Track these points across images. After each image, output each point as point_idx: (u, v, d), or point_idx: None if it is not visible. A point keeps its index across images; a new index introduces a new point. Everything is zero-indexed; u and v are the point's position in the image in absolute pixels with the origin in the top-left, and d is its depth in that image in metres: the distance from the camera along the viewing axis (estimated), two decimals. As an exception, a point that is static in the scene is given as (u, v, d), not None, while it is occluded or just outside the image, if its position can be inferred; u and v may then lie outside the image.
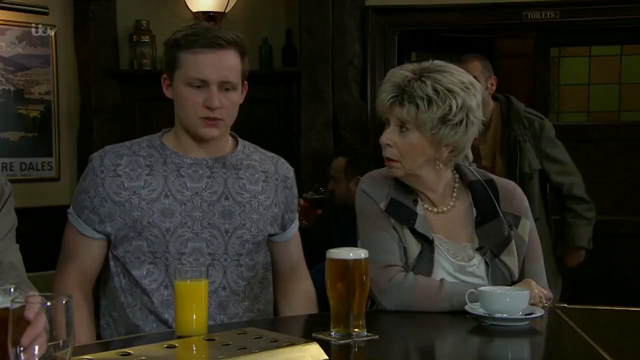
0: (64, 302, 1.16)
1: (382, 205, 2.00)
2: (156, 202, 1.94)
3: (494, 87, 3.56)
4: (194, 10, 4.45)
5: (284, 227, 2.13)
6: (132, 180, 1.95)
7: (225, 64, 1.91)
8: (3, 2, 3.99)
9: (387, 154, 1.97)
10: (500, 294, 1.84)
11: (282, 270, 2.18)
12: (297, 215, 2.20)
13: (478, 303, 1.84)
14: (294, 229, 2.18)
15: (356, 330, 1.64)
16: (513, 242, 2.02)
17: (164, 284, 1.94)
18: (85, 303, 1.97)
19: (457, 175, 2.08)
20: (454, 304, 1.89)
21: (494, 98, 3.59)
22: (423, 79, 1.91)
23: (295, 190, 2.17)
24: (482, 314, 1.81)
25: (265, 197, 2.07)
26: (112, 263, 2.01)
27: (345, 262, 1.65)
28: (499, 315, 1.80)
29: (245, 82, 2.02)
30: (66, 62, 4.32)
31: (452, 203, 2.05)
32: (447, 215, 2.04)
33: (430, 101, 1.90)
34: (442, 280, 1.93)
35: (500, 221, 2.02)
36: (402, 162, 1.96)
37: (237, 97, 1.97)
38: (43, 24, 4.20)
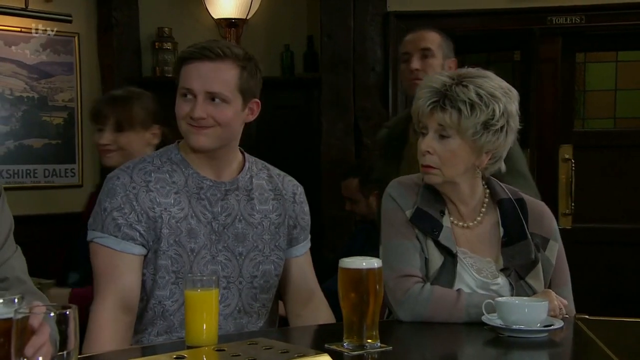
0: (67, 312, 1.14)
1: (408, 213, 1.96)
2: (183, 221, 1.92)
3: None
4: (215, 17, 4.47)
5: (296, 242, 2.11)
6: (163, 197, 1.92)
7: (214, 75, 1.87)
8: (27, 10, 4.04)
9: (427, 161, 1.93)
10: (518, 304, 1.80)
11: (296, 293, 2.13)
12: (308, 232, 2.16)
13: (495, 314, 1.81)
14: (305, 247, 2.15)
15: (369, 341, 1.60)
16: (540, 264, 1.98)
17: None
18: (123, 336, 1.87)
19: (488, 191, 2.04)
20: (471, 315, 1.86)
21: None
22: (464, 83, 1.88)
23: (305, 206, 2.13)
24: (500, 325, 1.77)
25: (277, 215, 2.05)
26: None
27: (358, 272, 1.61)
28: (516, 326, 1.76)
29: (256, 100, 1.97)
30: (89, 69, 4.36)
31: (479, 219, 2.01)
32: (472, 231, 2.00)
33: (473, 106, 1.86)
34: (459, 290, 1.90)
35: (527, 243, 1.98)
36: (442, 170, 1.92)
37: (231, 111, 1.90)
38: (66, 32, 4.24)
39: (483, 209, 2.02)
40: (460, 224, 2.00)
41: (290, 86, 4.48)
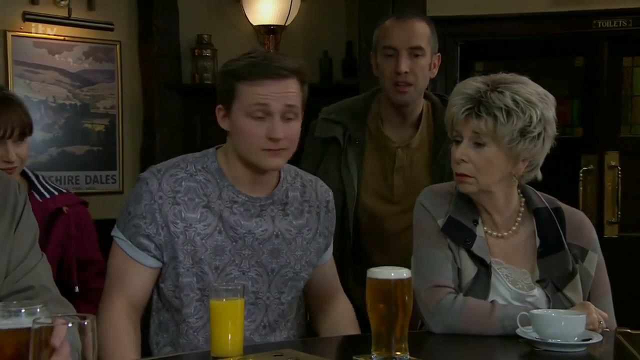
0: (85, 323, 1.14)
1: (440, 222, 1.92)
2: (210, 238, 1.87)
3: (437, 69, 2.48)
4: (254, 24, 4.48)
5: (325, 250, 2.08)
6: (190, 211, 1.86)
7: (288, 93, 1.84)
8: (70, 19, 4.10)
9: (462, 170, 1.88)
10: (554, 317, 1.75)
11: (319, 293, 2.11)
12: (332, 238, 2.12)
13: (531, 327, 1.76)
14: (329, 253, 2.12)
15: (398, 353, 1.56)
16: (578, 276, 1.92)
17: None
18: (134, 336, 1.86)
19: (524, 200, 1.99)
20: (506, 327, 1.80)
21: (424, 96, 2.51)
22: (500, 89, 1.83)
23: (334, 213, 2.09)
24: (535, 339, 1.72)
25: (309, 229, 2.00)
26: (154, 297, 1.94)
27: (387, 282, 1.57)
28: (552, 340, 1.70)
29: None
30: (130, 76, 4.40)
31: (514, 228, 1.96)
32: (507, 241, 1.95)
33: (509, 112, 1.81)
34: (493, 302, 1.85)
35: (565, 254, 1.92)
36: (477, 178, 1.88)
37: (299, 126, 1.89)
38: (108, 40, 4.29)
39: (519, 218, 1.97)
40: (495, 233, 1.95)
41: (328, 92, 4.43)
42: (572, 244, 1.95)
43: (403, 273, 1.58)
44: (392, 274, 1.57)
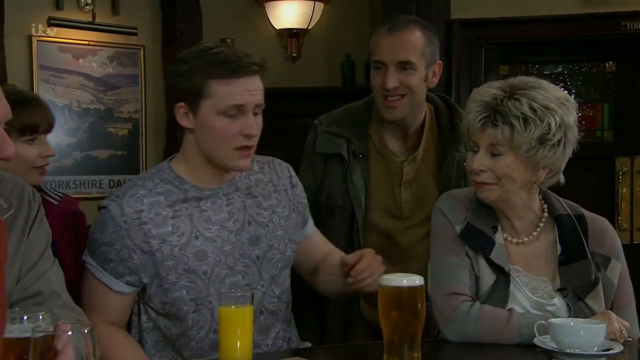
0: (86, 331, 1.12)
1: (458, 228, 1.89)
2: (188, 246, 1.82)
3: (438, 78, 2.32)
4: (277, 27, 4.48)
5: (304, 223, 2.05)
6: (159, 227, 1.80)
7: (258, 90, 1.81)
8: (94, 24, 4.13)
9: (482, 179, 1.84)
10: (572, 326, 1.71)
11: (315, 260, 2.08)
12: (308, 211, 2.08)
13: (549, 336, 1.72)
14: (310, 226, 2.08)
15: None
16: (600, 285, 1.88)
17: (212, 328, 1.84)
18: (132, 338, 1.88)
19: (545, 206, 1.94)
20: (523, 336, 1.76)
21: (427, 98, 2.37)
22: (517, 96, 1.79)
23: (300, 185, 2.04)
24: (553, 348, 1.68)
25: (282, 207, 1.97)
26: (144, 318, 1.90)
27: (399, 290, 1.54)
28: (571, 350, 1.66)
29: None
30: (154, 80, 4.42)
31: (535, 234, 1.92)
32: (527, 247, 1.91)
33: (526, 121, 1.77)
34: (510, 310, 1.81)
35: (587, 263, 1.88)
36: (497, 186, 1.84)
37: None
38: (132, 44, 4.32)
39: (540, 225, 1.92)
40: (515, 240, 1.91)
41: (351, 96, 4.36)
42: (595, 252, 1.90)
43: (416, 280, 1.55)
44: (405, 281, 1.55)
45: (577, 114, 1.86)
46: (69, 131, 4.14)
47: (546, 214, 1.94)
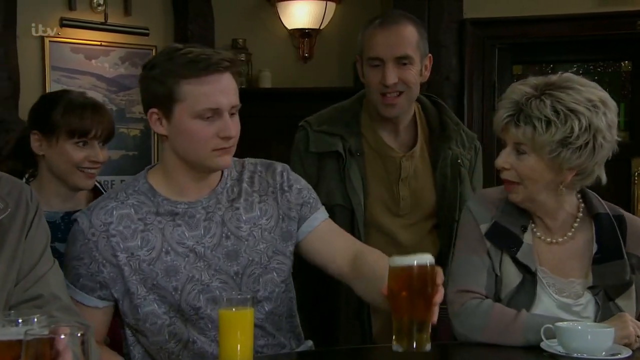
0: (79, 334, 1.11)
1: (483, 227, 1.88)
2: (157, 261, 1.74)
3: (429, 71, 2.30)
4: (289, 27, 4.47)
5: (303, 221, 1.89)
6: (127, 240, 1.74)
7: (232, 88, 1.73)
8: (106, 25, 4.14)
9: (506, 176, 1.85)
10: (580, 330, 1.69)
11: (331, 259, 1.89)
12: (317, 204, 1.93)
13: (556, 340, 1.69)
14: (317, 217, 1.91)
15: (419, 342, 1.48)
16: (633, 287, 1.85)
17: (191, 339, 1.77)
18: (109, 351, 1.81)
19: (583, 205, 1.92)
20: (529, 338, 1.74)
21: None
22: (543, 97, 1.77)
23: (296, 183, 1.90)
24: (560, 353, 1.67)
25: (267, 219, 1.85)
26: (128, 332, 1.84)
27: (409, 269, 1.48)
28: (578, 354, 1.65)
29: None
30: (166, 81, 4.41)
31: (570, 234, 1.90)
32: (561, 247, 1.89)
33: (548, 123, 1.75)
34: (521, 311, 1.78)
35: (623, 263, 1.85)
36: (522, 185, 1.83)
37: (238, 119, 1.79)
38: (144, 45, 4.32)
39: (575, 224, 1.90)
40: (548, 239, 1.89)
41: (363, 96, 4.41)
42: (631, 254, 1.87)
43: (426, 260, 1.49)
44: (415, 261, 1.49)
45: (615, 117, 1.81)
46: (81, 131, 4.14)
47: (581, 214, 1.91)
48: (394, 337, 1.50)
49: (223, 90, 1.71)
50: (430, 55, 2.29)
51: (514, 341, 1.75)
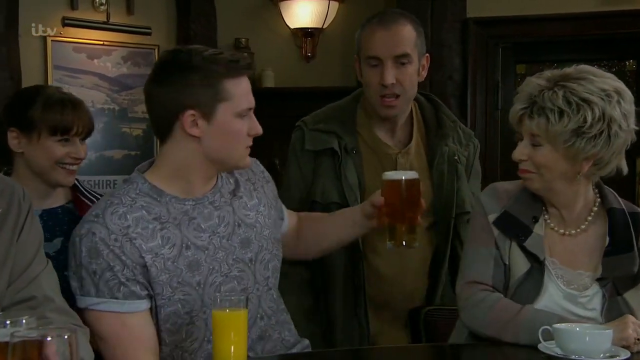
0: (66, 336, 1.10)
1: (491, 217, 1.89)
2: (179, 257, 1.73)
3: (426, 71, 2.32)
4: (292, 27, 4.46)
5: (281, 211, 2.03)
6: (149, 241, 1.70)
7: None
8: (109, 24, 4.14)
9: (523, 166, 1.86)
10: (578, 332, 1.67)
11: (293, 241, 2.08)
12: (280, 202, 2.05)
13: (554, 341, 1.68)
14: (286, 219, 2.06)
15: (408, 241, 1.88)
16: None
17: (206, 338, 1.76)
18: None
19: (599, 199, 1.92)
20: (528, 337, 1.73)
21: None
22: (556, 88, 1.78)
23: (272, 181, 2.02)
24: (558, 355, 1.65)
25: (263, 206, 1.91)
26: None
27: (398, 182, 1.89)
28: (576, 356, 1.63)
29: None
30: (168, 81, 4.40)
31: (584, 226, 1.90)
32: (574, 239, 1.89)
33: (561, 113, 1.76)
34: (525, 306, 1.78)
35: (633, 256, 1.85)
36: (538, 175, 1.84)
37: None
38: (147, 44, 4.32)
39: (590, 217, 1.91)
40: (561, 230, 1.90)
41: (365, 96, 4.39)
42: None
43: (413, 174, 1.92)
44: (403, 176, 1.90)
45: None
46: (83, 131, 4.14)
47: (597, 208, 1.91)
48: (387, 238, 1.91)
49: (250, 89, 1.78)
50: (427, 55, 2.30)
51: (513, 338, 1.75)
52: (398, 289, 2.27)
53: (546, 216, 1.90)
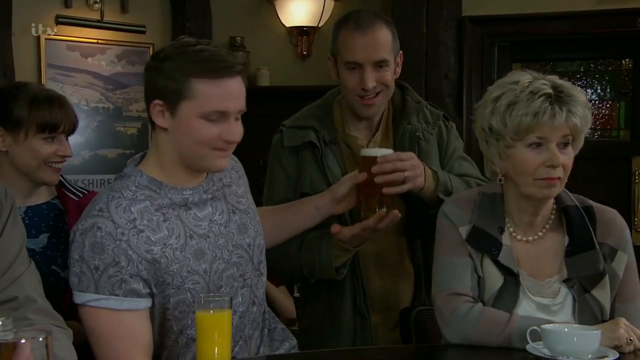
0: (40, 339, 1.09)
1: (463, 230, 1.85)
2: (186, 247, 1.73)
3: (400, 69, 2.31)
4: (287, 25, 4.44)
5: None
6: (156, 232, 1.70)
7: (241, 92, 1.72)
8: (103, 22, 4.12)
9: (558, 173, 1.78)
10: (566, 333, 1.66)
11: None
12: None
13: (542, 342, 1.66)
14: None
15: (381, 210, 2.02)
16: (607, 276, 1.83)
17: None
18: None
19: (554, 200, 1.90)
20: (520, 344, 1.71)
21: None
22: (561, 88, 1.77)
23: (245, 176, 2.03)
24: (546, 356, 1.63)
25: (249, 194, 1.94)
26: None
27: (374, 158, 2.04)
28: (564, 357, 1.61)
29: None
30: (163, 79, 4.39)
31: (544, 230, 1.88)
32: (536, 245, 1.88)
33: (587, 107, 1.79)
34: (512, 313, 1.76)
35: (595, 253, 1.84)
36: (561, 181, 1.81)
37: None
38: (141, 43, 4.30)
39: (550, 220, 1.89)
40: (524, 238, 1.87)
41: (361, 94, 4.37)
42: (602, 243, 1.86)
43: (388, 151, 2.10)
44: (379, 153, 2.07)
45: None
46: (77, 130, 4.11)
47: (554, 209, 1.90)
48: (362, 212, 2.07)
49: (232, 94, 1.69)
50: (401, 52, 2.30)
51: (507, 343, 1.73)
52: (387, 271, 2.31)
53: (508, 225, 1.87)
